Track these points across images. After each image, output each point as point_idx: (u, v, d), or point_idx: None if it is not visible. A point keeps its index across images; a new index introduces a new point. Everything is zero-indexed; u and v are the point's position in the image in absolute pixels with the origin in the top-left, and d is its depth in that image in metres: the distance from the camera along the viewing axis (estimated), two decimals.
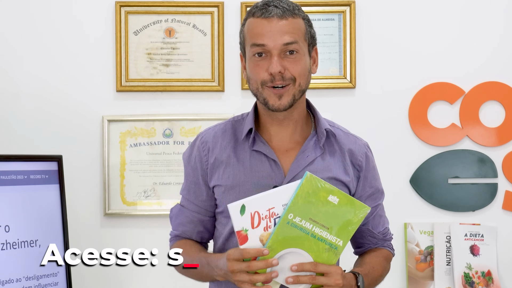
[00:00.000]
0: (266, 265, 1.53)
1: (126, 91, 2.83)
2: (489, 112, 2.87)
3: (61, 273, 2.39)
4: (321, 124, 1.77)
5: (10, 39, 2.83)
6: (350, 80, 2.84)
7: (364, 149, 1.83)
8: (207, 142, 1.79)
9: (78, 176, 2.78)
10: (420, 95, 2.86)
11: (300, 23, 1.70)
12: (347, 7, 2.84)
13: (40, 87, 2.82)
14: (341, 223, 1.57)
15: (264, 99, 1.69)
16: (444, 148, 2.87)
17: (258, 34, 1.67)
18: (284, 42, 1.65)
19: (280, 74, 1.65)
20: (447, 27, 2.88)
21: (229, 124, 1.82)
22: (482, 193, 2.85)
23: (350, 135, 1.85)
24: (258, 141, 1.75)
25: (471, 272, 2.78)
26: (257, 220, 1.56)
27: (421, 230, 2.82)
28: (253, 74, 1.69)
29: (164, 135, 2.83)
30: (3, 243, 2.24)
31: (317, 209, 1.55)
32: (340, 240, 1.57)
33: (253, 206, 1.56)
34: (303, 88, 1.71)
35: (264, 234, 1.55)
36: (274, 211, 1.56)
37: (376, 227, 1.85)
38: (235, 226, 1.56)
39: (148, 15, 2.84)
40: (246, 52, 1.72)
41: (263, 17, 1.67)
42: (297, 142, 1.77)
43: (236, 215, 1.56)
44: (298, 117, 1.76)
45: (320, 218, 1.55)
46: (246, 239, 1.56)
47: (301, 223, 1.55)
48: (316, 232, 1.55)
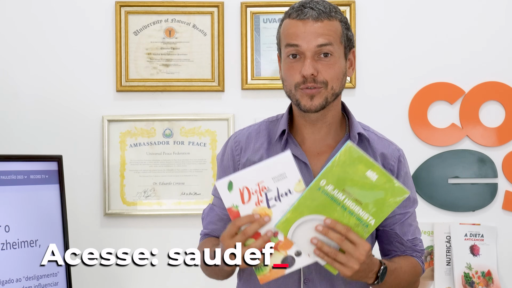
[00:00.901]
0: (259, 223, 1.52)
1: (126, 91, 2.83)
2: (489, 112, 2.87)
3: (61, 273, 2.39)
4: (354, 127, 1.76)
5: (10, 39, 2.83)
6: (350, 80, 2.84)
7: (398, 153, 1.80)
8: (240, 142, 1.79)
9: (78, 176, 2.78)
10: (420, 95, 2.86)
11: (336, 26, 1.68)
12: (347, 7, 2.84)
13: (40, 87, 2.82)
14: (376, 202, 1.50)
15: (297, 100, 1.68)
16: (444, 148, 2.87)
17: (292, 35, 1.66)
18: (318, 44, 1.64)
19: (312, 76, 1.64)
20: (447, 27, 2.87)
21: (264, 124, 1.81)
22: (482, 193, 2.85)
23: (384, 140, 1.82)
24: (291, 142, 1.74)
25: (471, 272, 2.78)
26: (247, 195, 1.54)
27: (421, 230, 2.82)
28: (287, 76, 1.69)
29: (164, 135, 2.83)
30: (3, 243, 2.24)
31: (353, 181, 1.49)
32: (373, 219, 1.51)
33: (240, 181, 1.54)
34: (337, 91, 1.69)
35: (257, 209, 1.53)
36: (264, 185, 1.53)
37: (404, 234, 1.78)
38: (225, 203, 1.55)
39: (148, 15, 2.84)
40: (281, 52, 1.72)
41: (299, 18, 1.66)
42: (330, 145, 1.75)
43: (225, 192, 1.54)
44: (332, 119, 1.75)
45: (355, 191, 1.49)
46: (238, 215, 1.54)
47: (333, 192, 1.49)
48: (348, 205, 1.50)
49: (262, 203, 1.54)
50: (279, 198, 1.55)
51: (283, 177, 1.54)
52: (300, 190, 1.54)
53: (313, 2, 1.69)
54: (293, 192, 1.54)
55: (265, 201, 1.54)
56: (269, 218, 1.53)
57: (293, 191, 1.54)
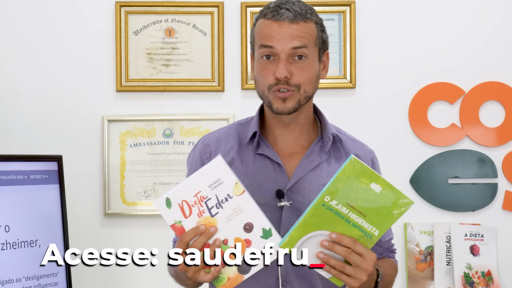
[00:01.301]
0: (206, 235, 1.50)
1: (126, 91, 2.83)
2: (489, 112, 2.88)
3: (61, 273, 2.39)
4: (328, 129, 1.76)
5: (10, 39, 2.83)
6: (350, 80, 2.84)
7: (370, 155, 1.82)
8: (209, 145, 1.77)
9: (78, 176, 2.78)
10: (420, 95, 2.86)
11: (311, 28, 1.67)
12: (347, 7, 2.84)
13: (40, 87, 2.82)
14: (380, 213, 1.49)
15: (269, 102, 1.67)
16: (444, 148, 2.87)
17: (267, 36, 1.65)
18: (293, 46, 1.63)
19: (286, 79, 1.63)
20: (447, 27, 2.87)
21: (233, 127, 1.80)
22: (482, 193, 2.85)
23: (356, 141, 1.83)
24: (263, 144, 1.73)
25: (471, 272, 2.78)
26: (187, 209, 1.52)
27: (421, 230, 2.82)
28: (260, 77, 1.67)
29: (164, 135, 2.83)
30: (3, 243, 2.24)
31: (357, 195, 1.48)
32: (376, 230, 1.50)
33: (178, 196, 1.52)
34: (309, 94, 1.69)
35: (201, 220, 1.51)
36: (202, 194, 1.51)
37: (382, 236, 1.77)
38: (167, 221, 1.52)
39: (148, 15, 2.84)
40: (255, 52, 1.71)
41: (274, 19, 1.64)
42: (303, 146, 1.75)
43: (164, 209, 1.52)
44: (304, 121, 1.74)
45: (359, 204, 1.48)
46: (183, 230, 1.52)
47: (337, 207, 1.48)
48: (352, 218, 1.49)
49: (205, 213, 1.52)
50: (220, 205, 1.53)
51: (219, 183, 1.52)
52: (239, 193, 1.52)
53: (289, 2, 1.66)
54: (233, 196, 1.52)
55: (207, 211, 1.52)
56: (215, 228, 1.51)
57: (232, 195, 1.52)
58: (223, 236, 1.52)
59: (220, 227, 1.53)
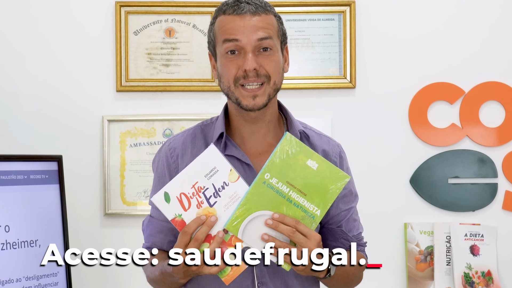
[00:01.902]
0: (208, 225, 1.49)
1: (126, 91, 2.83)
2: (489, 112, 2.87)
3: (61, 273, 2.39)
4: (295, 125, 1.73)
5: (10, 39, 2.83)
6: (350, 80, 2.84)
7: (338, 149, 1.79)
8: (175, 149, 1.74)
9: (78, 176, 2.78)
10: (420, 95, 2.86)
11: (272, 19, 1.67)
12: (347, 7, 2.84)
13: (40, 87, 2.82)
14: (319, 191, 1.51)
15: (237, 99, 1.64)
16: (444, 148, 2.87)
17: (230, 30, 1.63)
18: (259, 38, 1.61)
19: (255, 71, 1.61)
20: (447, 27, 2.87)
21: (198, 129, 1.77)
22: (482, 193, 2.85)
23: (323, 136, 1.80)
24: (230, 145, 1.70)
25: (471, 272, 2.78)
26: (186, 202, 1.52)
27: (421, 230, 2.82)
28: (225, 71, 1.64)
29: (164, 135, 2.83)
30: (3, 243, 2.24)
31: (295, 172, 1.50)
32: (318, 209, 1.52)
33: (175, 189, 1.52)
34: (278, 86, 1.67)
35: (200, 211, 1.51)
36: (199, 185, 1.52)
37: (349, 231, 1.77)
38: (167, 216, 1.52)
39: (148, 15, 2.84)
40: (217, 50, 1.68)
41: (236, 13, 1.63)
42: (270, 144, 1.72)
43: (163, 204, 1.52)
44: (271, 117, 1.72)
45: (298, 182, 1.50)
46: (184, 223, 1.52)
47: (278, 185, 1.50)
48: (293, 197, 1.51)
49: (204, 204, 1.52)
50: (217, 193, 1.53)
51: (215, 172, 1.53)
52: (235, 180, 1.53)
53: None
54: (229, 184, 1.53)
55: (206, 201, 1.52)
56: (216, 217, 1.51)
57: (228, 182, 1.53)
58: (223, 225, 1.52)
59: (219, 216, 1.53)
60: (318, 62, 2.85)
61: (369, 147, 2.84)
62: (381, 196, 2.83)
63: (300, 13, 2.85)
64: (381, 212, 2.81)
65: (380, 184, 2.82)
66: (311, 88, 2.84)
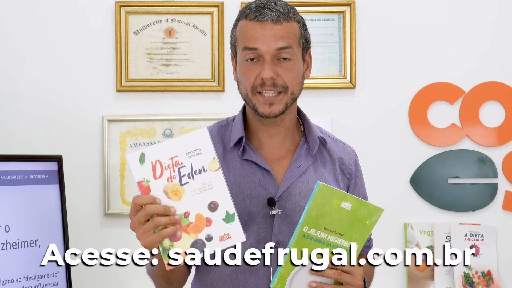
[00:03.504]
0: (171, 221, 1.45)
1: (126, 91, 2.83)
2: (489, 112, 2.88)
3: (61, 273, 2.39)
4: (313, 131, 1.72)
5: (10, 39, 2.83)
6: (350, 80, 2.84)
7: (353, 157, 1.80)
8: None
9: (78, 176, 2.78)
10: (420, 95, 2.86)
11: (294, 27, 1.64)
12: (347, 7, 2.84)
13: (40, 87, 2.82)
14: (356, 228, 1.54)
15: (254, 106, 1.64)
16: (444, 148, 2.87)
17: (250, 38, 1.61)
18: (278, 47, 1.60)
19: (271, 80, 1.60)
20: (447, 27, 2.88)
21: (215, 130, 1.75)
22: (482, 193, 2.85)
23: (338, 142, 1.80)
24: (248, 149, 1.69)
25: (471, 272, 2.78)
26: (159, 170, 1.48)
27: (421, 230, 2.82)
28: (244, 78, 1.64)
29: (164, 135, 2.83)
30: (3, 243, 2.24)
31: (331, 217, 1.52)
32: (356, 244, 1.55)
33: (153, 154, 1.48)
34: (296, 96, 1.66)
35: (168, 185, 1.48)
36: (178, 160, 1.48)
37: None
38: (135, 177, 1.50)
39: (148, 15, 2.84)
40: (238, 54, 1.67)
41: (257, 20, 1.61)
42: (288, 150, 1.71)
43: (136, 164, 1.49)
44: (289, 123, 1.71)
45: (335, 226, 1.53)
46: (148, 190, 1.49)
47: (316, 234, 1.52)
48: (331, 240, 1.53)
49: (175, 180, 1.48)
50: (192, 175, 1.49)
51: (197, 153, 1.49)
52: (214, 169, 1.49)
53: (271, 2, 1.63)
54: (207, 170, 1.48)
55: (178, 178, 1.48)
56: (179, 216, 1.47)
57: (207, 168, 1.49)
58: (185, 209, 1.48)
59: (185, 198, 1.49)
60: (318, 62, 2.85)
61: (369, 147, 2.83)
62: (381, 196, 2.81)
63: (300, 13, 2.84)
64: None
65: (380, 184, 2.82)
66: (311, 88, 2.84)
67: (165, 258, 1.49)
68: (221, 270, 1.66)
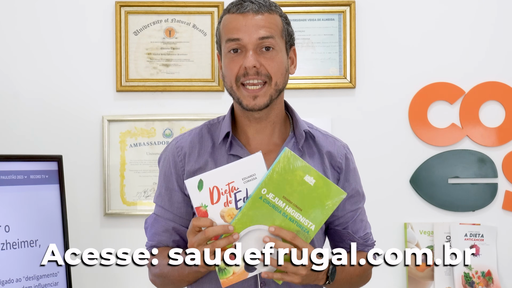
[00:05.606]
0: (229, 241, 1.48)
1: (126, 91, 2.83)
2: (489, 112, 2.88)
3: (61, 273, 2.39)
4: (300, 125, 1.73)
5: (10, 39, 2.83)
6: (350, 80, 2.84)
7: (344, 151, 1.78)
8: (182, 148, 1.73)
9: (78, 176, 2.78)
10: (420, 95, 2.86)
11: (276, 19, 1.66)
12: (347, 7, 2.84)
13: (40, 87, 2.82)
14: (315, 206, 1.52)
15: (238, 99, 1.65)
16: (444, 148, 2.87)
17: (233, 29, 1.63)
18: (260, 36, 1.62)
19: (255, 69, 1.61)
20: (447, 27, 2.88)
21: (205, 128, 1.76)
22: (482, 193, 2.85)
23: (329, 137, 1.80)
24: (235, 145, 1.70)
25: (471, 272, 2.78)
26: (216, 196, 1.51)
27: (421, 230, 2.82)
28: (228, 70, 1.65)
29: (164, 135, 2.83)
30: (3, 243, 2.24)
31: (292, 188, 1.50)
32: (313, 224, 1.52)
33: (211, 181, 1.51)
34: (280, 87, 1.66)
35: (225, 210, 1.51)
36: (234, 185, 1.51)
37: (356, 232, 1.77)
38: (193, 202, 1.52)
39: (148, 15, 2.84)
40: (222, 50, 1.68)
41: (238, 12, 1.63)
42: (276, 144, 1.72)
43: (194, 190, 1.51)
44: (276, 118, 1.72)
45: (294, 198, 1.51)
46: (206, 215, 1.52)
47: (274, 200, 1.50)
48: (289, 212, 1.51)
49: (231, 204, 1.52)
50: (247, 200, 1.52)
51: (253, 178, 1.52)
52: None
53: None
54: None
55: (234, 202, 1.52)
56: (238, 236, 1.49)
57: None
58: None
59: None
60: (318, 62, 2.85)
61: (369, 147, 2.83)
62: (381, 196, 2.83)
63: (300, 13, 2.85)
64: (381, 212, 2.81)
65: (380, 184, 2.82)
66: (311, 88, 2.84)
67: (221, 277, 1.53)
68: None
